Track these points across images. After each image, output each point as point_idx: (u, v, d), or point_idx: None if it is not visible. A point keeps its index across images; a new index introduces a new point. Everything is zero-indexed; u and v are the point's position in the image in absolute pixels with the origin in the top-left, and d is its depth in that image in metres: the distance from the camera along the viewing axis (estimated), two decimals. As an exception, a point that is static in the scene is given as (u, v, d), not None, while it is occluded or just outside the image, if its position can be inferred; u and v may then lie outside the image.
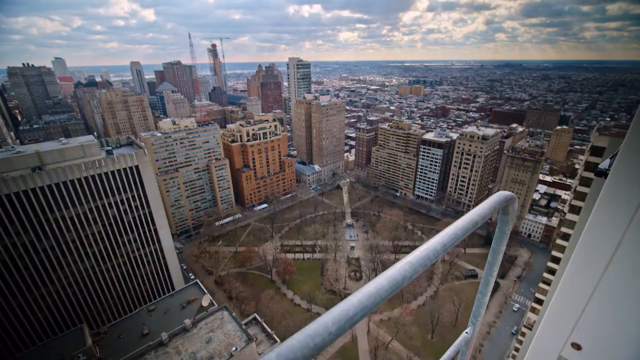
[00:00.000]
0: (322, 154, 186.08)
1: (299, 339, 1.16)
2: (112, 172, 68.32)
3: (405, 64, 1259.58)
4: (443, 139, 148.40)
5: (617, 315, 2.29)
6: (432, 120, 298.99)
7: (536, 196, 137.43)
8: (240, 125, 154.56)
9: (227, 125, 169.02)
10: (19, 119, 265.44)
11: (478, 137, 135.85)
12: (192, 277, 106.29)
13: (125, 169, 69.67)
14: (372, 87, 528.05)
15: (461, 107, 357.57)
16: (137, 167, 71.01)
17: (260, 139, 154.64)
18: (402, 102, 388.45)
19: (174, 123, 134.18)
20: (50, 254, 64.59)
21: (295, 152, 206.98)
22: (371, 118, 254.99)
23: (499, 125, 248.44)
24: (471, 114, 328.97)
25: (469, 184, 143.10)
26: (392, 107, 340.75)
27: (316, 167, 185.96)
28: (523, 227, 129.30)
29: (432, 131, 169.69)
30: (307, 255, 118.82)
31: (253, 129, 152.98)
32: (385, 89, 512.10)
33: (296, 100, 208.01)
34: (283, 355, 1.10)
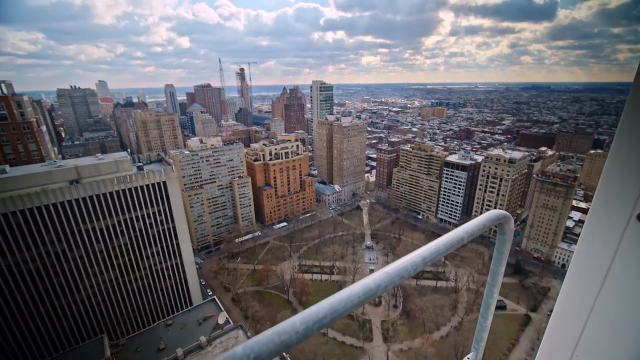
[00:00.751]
0: (342, 174, 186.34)
1: (266, 335, 1.19)
2: (142, 187, 71.57)
3: (428, 87, 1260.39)
4: (467, 162, 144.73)
5: (612, 341, 2.23)
6: (455, 143, 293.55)
7: (570, 223, 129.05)
8: (264, 144, 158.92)
9: (251, 145, 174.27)
10: (63, 136, 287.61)
11: (504, 160, 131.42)
12: (210, 293, 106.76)
13: (153, 184, 72.84)
14: (394, 109, 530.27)
15: (486, 130, 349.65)
16: (164, 182, 74.09)
17: (282, 158, 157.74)
18: (425, 124, 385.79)
19: (201, 141, 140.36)
20: (79, 263, 67.50)
21: (316, 171, 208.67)
22: (392, 139, 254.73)
23: (527, 148, 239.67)
24: (497, 136, 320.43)
25: (495, 208, 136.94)
26: (414, 129, 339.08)
27: (336, 187, 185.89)
28: (556, 256, 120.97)
29: (455, 153, 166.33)
30: (324, 277, 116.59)
31: (275, 149, 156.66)
32: (407, 110, 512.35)
33: (318, 121, 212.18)
34: (249, 348, 1.14)
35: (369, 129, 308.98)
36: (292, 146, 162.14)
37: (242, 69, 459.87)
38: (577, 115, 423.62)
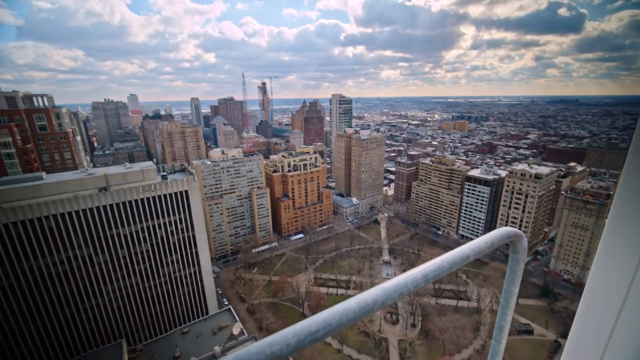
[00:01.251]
0: (360, 186, 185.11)
1: (258, 345, 1.19)
2: (165, 196, 74.02)
3: (449, 100, 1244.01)
4: (490, 176, 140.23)
5: None
6: (477, 157, 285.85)
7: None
8: (283, 156, 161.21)
9: (270, 156, 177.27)
10: (95, 146, 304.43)
11: (530, 176, 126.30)
12: (226, 302, 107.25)
13: (176, 193, 75.16)
14: (414, 122, 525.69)
15: (510, 144, 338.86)
16: (186, 192, 76.30)
17: (300, 170, 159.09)
18: (445, 138, 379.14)
19: (222, 153, 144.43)
20: (103, 267, 70.00)
21: (334, 184, 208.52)
22: (412, 152, 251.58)
23: (554, 163, 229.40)
24: (522, 151, 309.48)
25: (520, 225, 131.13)
26: (434, 142, 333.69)
27: (354, 199, 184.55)
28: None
29: (477, 167, 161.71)
30: (340, 291, 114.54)
31: (294, 160, 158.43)
32: (427, 124, 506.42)
33: (337, 134, 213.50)
34: (239, 358, 1.15)
35: (388, 142, 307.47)
36: (311, 158, 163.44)
37: (263, 83, 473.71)
38: (609, 129, 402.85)
